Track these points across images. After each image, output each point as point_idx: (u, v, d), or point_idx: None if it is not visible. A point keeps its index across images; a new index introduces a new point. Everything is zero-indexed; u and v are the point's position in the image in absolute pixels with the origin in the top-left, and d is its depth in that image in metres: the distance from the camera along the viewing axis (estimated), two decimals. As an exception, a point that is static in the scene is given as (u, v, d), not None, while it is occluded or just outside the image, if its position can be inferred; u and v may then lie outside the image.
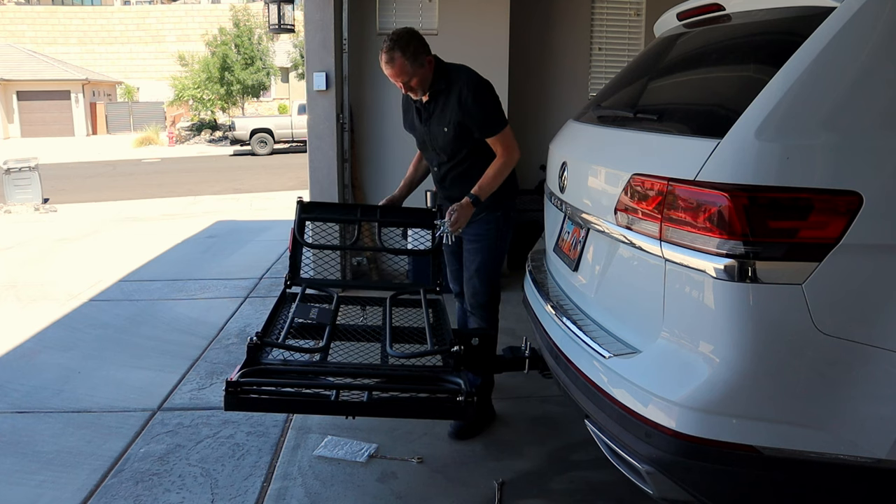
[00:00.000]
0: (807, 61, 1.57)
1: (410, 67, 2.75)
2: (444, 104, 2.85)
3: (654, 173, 1.77)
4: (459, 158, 2.91)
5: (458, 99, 2.81)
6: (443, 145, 2.91)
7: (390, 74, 2.78)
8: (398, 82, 2.80)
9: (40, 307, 4.95)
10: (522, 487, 2.64)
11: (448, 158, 2.94)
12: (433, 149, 2.97)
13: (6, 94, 31.55)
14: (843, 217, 1.51)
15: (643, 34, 5.77)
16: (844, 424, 1.54)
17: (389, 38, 2.76)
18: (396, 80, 2.79)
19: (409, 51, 2.74)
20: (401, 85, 2.82)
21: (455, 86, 2.83)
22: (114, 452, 2.90)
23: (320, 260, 3.95)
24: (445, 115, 2.85)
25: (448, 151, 2.91)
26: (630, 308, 1.93)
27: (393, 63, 2.74)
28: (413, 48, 2.75)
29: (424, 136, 2.99)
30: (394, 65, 2.74)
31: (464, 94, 2.80)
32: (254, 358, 2.25)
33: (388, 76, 2.81)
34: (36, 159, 10.80)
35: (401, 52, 2.73)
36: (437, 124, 2.89)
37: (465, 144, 2.87)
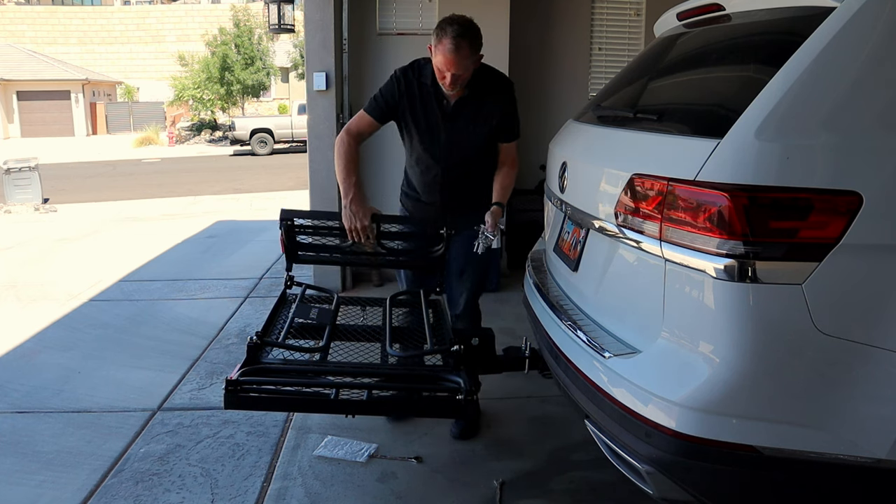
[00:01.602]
0: (807, 61, 1.57)
1: (470, 60, 2.60)
2: (481, 105, 2.74)
3: (654, 173, 1.77)
4: (474, 162, 2.83)
5: (501, 105, 2.78)
6: (467, 146, 2.78)
7: (450, 61, 2.55)
8: (450, 73, 2.58)
9: (40, 307, 4.95)
10: (522, 487, 2.64)
11: (463, 160, 2.81)
12: (448, 148, 2.79)
13: (6, 94, 31.56)
14: (843, 217, 1.51)
15: (643, 34, 5.77)
16: (844, 424, 1.54)
17: (458, 23, 2.55)
18: (451, 69, 2.57)
19: (476, 42, 2.60)
20: (449, 76, 2.59)
21: (498, 89, 2.79)
22: (114, 452, 2.90)
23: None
24: (482, 116, 2.75)
25: (470, 153, 2.80)
26: (630, 308, 1.93)
27: (459, 51, 2.53)
28: (479, 41, 2.62)
29: (440, 133, 2.76)
30: (460, 52, 2.53)
31: (507, 101, 2.79)
32: (254, 357, 2.25)
33: (442, 63, 2.57)
34: (36, 159, 10.81)
35: (469, 41, 2.56)
36: (467, 123, 2.75)
37: (487, 149, 2.83)
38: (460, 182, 2.85)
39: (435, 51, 2.59)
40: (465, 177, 2.84)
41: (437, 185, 2.87)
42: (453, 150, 2.80)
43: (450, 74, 2.59)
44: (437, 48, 2.57)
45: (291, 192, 11.85)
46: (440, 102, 2.74)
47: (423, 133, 2.80)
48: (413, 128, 2.81)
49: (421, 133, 2.80)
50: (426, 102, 2.75)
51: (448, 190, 2.86)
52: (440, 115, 2.75)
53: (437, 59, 2.59)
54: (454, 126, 2.75)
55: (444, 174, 2.84)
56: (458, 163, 2.82)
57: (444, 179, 2.85)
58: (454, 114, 2.74)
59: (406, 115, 2.78)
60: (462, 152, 2.80)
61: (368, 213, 2.67)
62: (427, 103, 2.75)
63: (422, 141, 2.81)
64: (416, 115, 2.77)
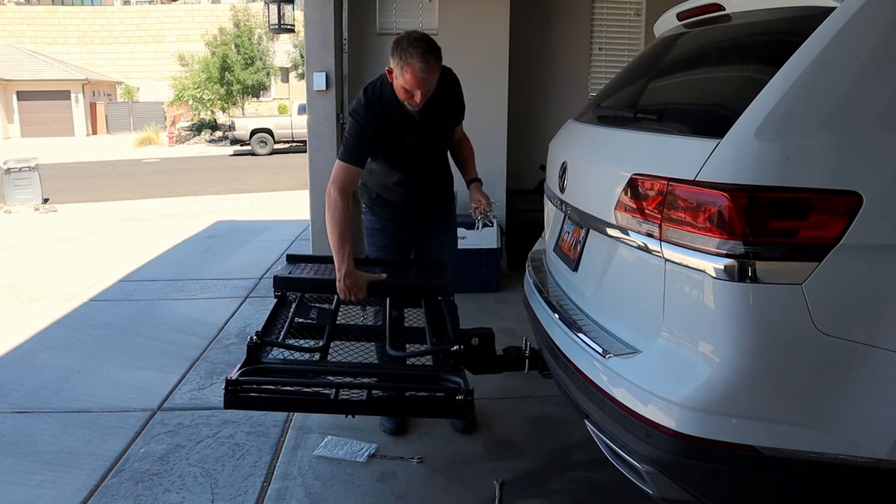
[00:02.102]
0: (807, 61, 1.57)
1: (435, 81, 2.60)
2: (440, 102, 2.75)
3: (654, 173, 1.77)
4: (443, 152, 3.00)
5: (454, 95, 2.87)
6: (439, 143, 2.92)
7: (422, 81, 2.53)
8: (421, 91, 2.56)
9: (40, 307, 4.95)
10: (522, 487, 2.64)
11: (437, 156, 2.95)
12: (424, 153, 2.86)
13: (6, 94, 31.55)
14: (843, 217, 1.51)
15: (643, 34, 5.77)
16: (844, 424, 1.54)
17: (420, 40, 2.52)
18: (423, 88, 2.55)
19: (440, 55, 2.59)
20: (419, 94, 2.57)
21: (446, 81, 2.80)
22: (114, 452, 2.90)
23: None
24: (444, 115, 2.83)
25: (441, 144, 2.94)
26: (630, 308, 1.93)
27: (430, 68, 2.52)
28: (440, 54, 2.60)
29: (415, 145, 2.78)
30: (430, 70, 2.52)
31: (456, 86, 2.87)
32: (254, 357, 2.25)
33: (413, 84, 2.53)
34: (36, 159, 10.80)
35: (435, 56, 2.55)
36: (437, 124, 2.82)
37: (451, 139, 2.98)
38: (436, 176, 2.99)
39: (401, 72, 2.54)
40: (436, 171, 2.99)
41: (420, 189, 2.95)
42: (427, 153, 2.91)
43: (420, 93, 2.57)
44: (405, 69, 2.52)
45: (291, 192, 11.85)
46: (409, 120, 2.72)
47: (400, 151, 2.81)
48: (389, 151, 2.82)
49: (398, 152, 2.82)
50: (397, 126, 2.72)
51: (428, 187, 2.98)
52: (412, 124, 2.74)
53: (406, 80, 2.54)
54: (429, 127, 2.81)
55: (424, 174, 2.93)
56: (432, 161, 2.95)
57: (423, 179, 2.94)
58: (423, 119, 2.75)
59: (382, 146, 2.77)
60: (434, 151, 2.94)
61: (363, 285, 2.64)
62: (398, 126, 2.72)
63: (401, 153, 2.83)
64: (392, 141, 2.76)
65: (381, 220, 3.02)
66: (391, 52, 2.58)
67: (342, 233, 2.61)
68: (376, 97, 2.71)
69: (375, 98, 2.71)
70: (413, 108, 2.65)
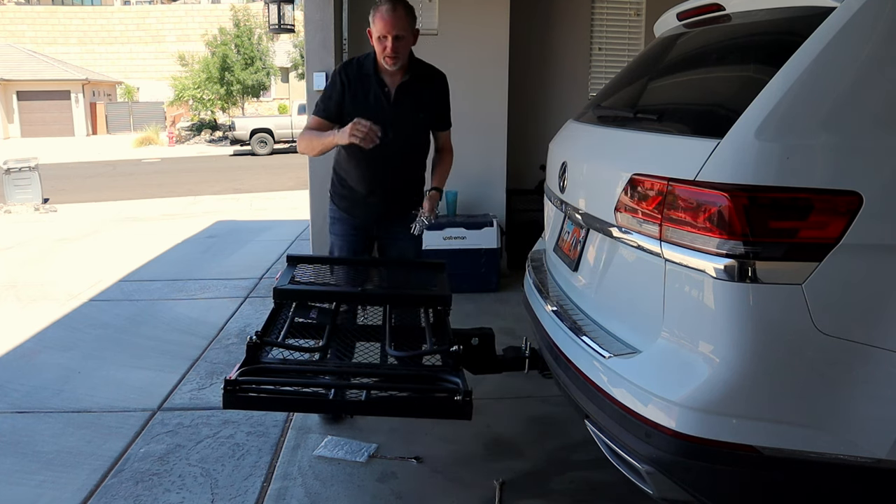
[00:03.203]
0: (807, 61, 1.57)
1: (408, 25, 2.72)
2: (422, 92, 2.87)
3: (653, 173, 1.77)
4: (416, 150, 2.98)
5: (441, 93, 2.94)
6: (412, 134, 2.91)
7: (388, 22, 2.67)
8: (391, 35, 2.68)
9: (40, 307, 4.95)
10: (522, 487, 2.63)
11: (407, 148, 2.93)
12: (395, 134, 2.82)
13: (6, 94, 31.56)
14: (843, 217, 1.51)
15: (643, 34, 5.77)
16: (844, 424, 1.54)
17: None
18: (392, 30, 2.67)
19: (410, 10, 2.74)
20: (391, 40, 2.68)
21: (436, 77, 2.94)
22: (114, 452, 2.90)
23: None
24: (424, 103, 2.88)
25: (411, 139, 2.92)
26: (630, 308, 1.93)
27: (396, 11, 2.67)
28: (413, 11, 2.76)
29: (386, 119, 2.77)
30: (396, 13, 2.67)
31: (445, 89, 2.96)
32: (253, 357, 2.25)
33: (382, 28, 2.68)
34: (36, 159, 10.80)
35: (404, 5, 2.72)
36: (411, 110, 2.85)
37: (425, 136, 3.00)
38: (402, 171, 2.96)
39: (373, 24, 2.72)
40: (407, 166, 2.97)
41: (381, 176, 2.93)
42: (398, 137, 2.84)
43: (391, 37, 2.68)
44: (375, 17, 2.70)
45: (291, 192, 11.85)
46: (383, 89, 2.83)
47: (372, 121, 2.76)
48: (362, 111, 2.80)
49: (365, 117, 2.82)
50: (369, 91, 2.84)
51: (392, 180, 2.96)
52: (384, 101, 2.83)
53: (377, 27, 2.70)
54: (399, 112, 2.83)
55: (389, 162, 2.90)
56: (400, 150, 2.89)
57: (388, 168, 2.92)
58: (397, 99, 2.83)
59: (352, 108, 2.83)
60: (405, 139, 2.90)
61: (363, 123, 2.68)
62: (370, 91, 2.83)
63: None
64: (362, 105, 2.82)
65: (341, 210, 3.08)
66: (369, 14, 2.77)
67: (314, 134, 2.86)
68: (358, 61, 2.90)
69: (357, 62, 2.90)
70: (390, 65, 2.74)
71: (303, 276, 2.85)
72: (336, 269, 3.11)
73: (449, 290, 2.71)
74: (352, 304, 2.76)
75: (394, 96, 2.83)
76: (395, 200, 2.97)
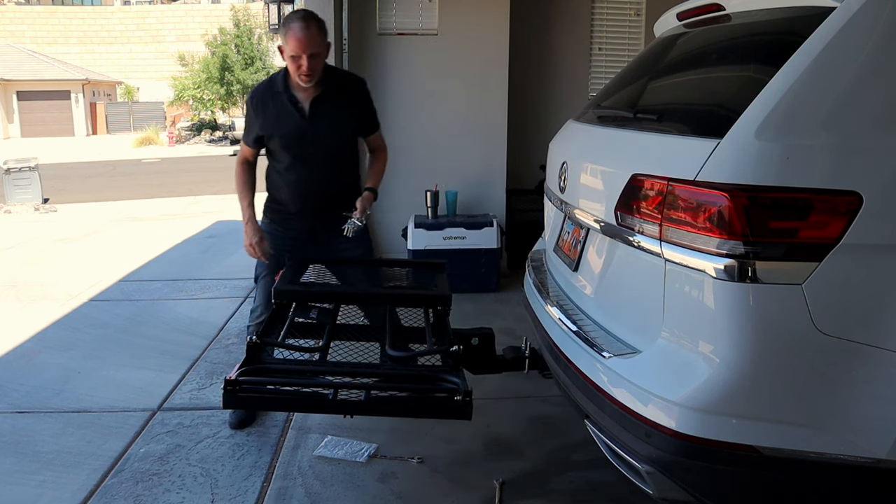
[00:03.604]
0: (807, 61, 1.57)
1: (321, 41, 2.70)
2: (338, 103, 2.85)
3: (653, 173, 1.77)
4: (341, 160, 2.95)
5: (359, 99, 2.93)
6: (333, 146, 2.89)
7: (302, 41, 2.63)
8: (306, 54, 2.65)
9: (40, 307, 4.95)
10: (522, 487, 2.63)
11: (331, 160, 2.91)
12: (315, 148, 2.86)
13: (6, 94, 31.56)
14: (843, 217, 1.51)
15: (643, 34, 5.77)
16: (844, 424, 1.54)
17: (303, 10, 2.72)
18: (306, 49, 2.64)
19: (322, 27, 2.71)
20: (305, 59, 2.66)
21: (351, 84, 2.94)
22: (114, 452, 2.90)
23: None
24: (342, 114, 2.86)
25: (336, 152, 2.91)
26: (630, 308, 1.93)
27: (309, 29, 2.64)
28: (325, 27, 2.73)
29: (304, 136, 2.83)
30: (310, 31, 2.64)
31: (364, 95, 2.95)
32: (253, 357, 2.25)
33: (295, 47, 2.64)
34: (36, 159, 10.79)
35: (316, 22, 2.69)
36: (328, 122, 2.83)
37: (351, 146, 3.00)
38: (330, 183, 2.94)
39: (286, 44, 2.68)
40: (335, 177, 2.95)
41: (310, 190, 2.93)
42: (319, 151, 2.86)
43: (306, 57, 2.66)
44: (288, 37, 2.66)
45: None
46: (296, 106, 2.81)
47: (289, 139, 2.86)
48: (278, 138, 2.88)
49: (286, 140, 2.87)
50: (282, 109, 2.82)
51: (320, 193, 2.94)
52: (299, 117, 2.82)
53: (290, 47, 2.66)
54: (316, 126, 2.82)
55: (315, 176, 2.90)
56: (325, 163, 2.90)
57: (314, 182, 2.92)
58: (312, 114, 2.81)
59: (269, 129, 2.87)
60: (328, 151, 2.88)
61: (259, 233, 2.97)
62: (283, 109, 2.82)
63: (287, 147, 2.88)
64: (277, 124, 2.85)
65: (271, 223, 3.08)
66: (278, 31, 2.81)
67: (240, 190, 3.01)
68: (268, 81, 2.91)
69: (267, 82, 2.91)
70: (305, 82, 2.73)
71: (302, 277, 2.85)
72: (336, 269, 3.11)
73: (449, 290, 2.71)
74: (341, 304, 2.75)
75: (308, 111, 2.82)
76: (328, 210, 2.94)
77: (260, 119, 2.88)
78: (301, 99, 2.82)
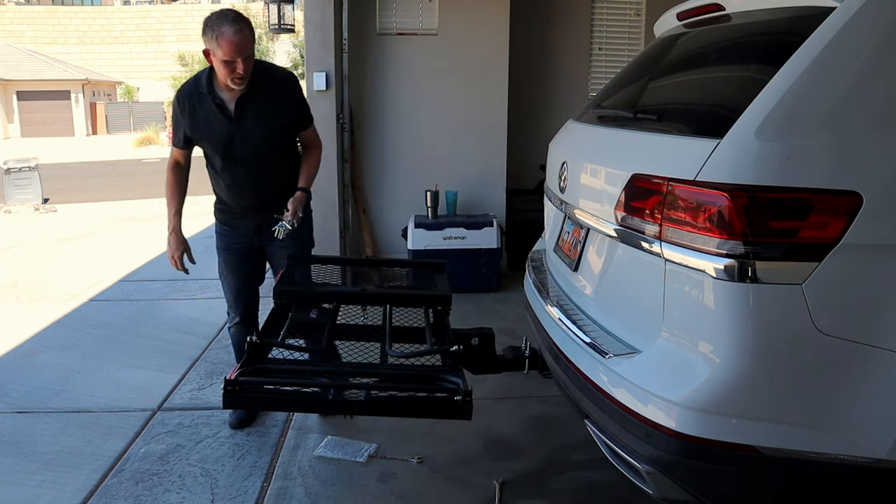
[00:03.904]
0: (807, 61, 1.57)
1: (253, 41, 2.63)
2: (265, 101, 2.76)
3: (653, 173, 1.77)
4: (276, 158, 2.87)
5: (286, 96, 2.83)
6: (263, 145, 2.79)
7: (237, 45, 2.55)
8: (241, 57, 2.57)
9: (40, 307, 4.95)
10: (522, 487, 2.64)
11: (263, 159, 2.82)
12: (245, 149, 2.78)
13: (6, 94, 31.56)
14: (843, 217, 1.51)
15: (643, 34, 5.77)
16: (844, 424, 1.54)
17: (231, 11, 2.62)
18: (241, 53, 2.56)
19: (251, 23, 2.65)
20: (241, 62, 2.58)
21: (278, 80, 2.83)
22: (114, 452, 2.90)
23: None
24: (270, 112, 2.77)
25: (268, 151, 2.81)
26: (630, 308, 1.93)
27: (243, 32, 2.56)
28: (252, 25, 2.66)
29: (232, 138, 2.76)
30: (244, 34, 2.56)
31: (292, 90, 2.85)
32: (253, 357, 2.25)
33: (230, 52, 2.55)
34: (36, 159, 10.79)
35: (247, 23, 2.61)
36: (256, 120, 2.75)
37: (285, 143, 2.91)
38: (267, 181, 2.87)
39: (217, 47, 2.57)
40: (271, 175, 2.87)
41: (246, 190, 2.88)
42: (249, 150, 2.79)
43: (241, 60, 2.58)
44: (220, 41, 2.55)
45: (291, 192, 11.83)
46: (221, 107, 2.74)
47: (217, 141, 2.80)
48: (206, 141, 2.83)
49: (215, 143, 2.81)
50: (208, 111, 2.76)
51: (258, 192, 2.88)
52: (225, 118, 2.75)
53: (224, 51, 2.56)
54: (243, 127, 2.75)
55: (249, 176, 2.85)
56: (258, 162, 2.82)
57: (250, 182, 2.86)
58: (239, 114, 2.74)
59: (196, 132, 2.82)
60: (258, 152, 2.80)
61: (181, 246, 3.02)
62: (209, 112, 2.76)
63: (217, 150, 2.82)
64: (204, 127, 2.79)
65: (222, 224, 3.06)
66: (203, 33, 2.61)
67: (169, 196, 2.99)
68: (193, 82, 2.81)
69: (192, 83, 2.81)
70: (237, 85, 2.66)
71: (303, 276, 2.85)
72: (336, 270, 3.11)
73: (449, 290, 2.71)
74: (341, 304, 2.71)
75: (234, 112, 2.74)
76: (271, 209, 2.83)
77: (187, 121, 2.81)
78: (227, 100, 2.74)
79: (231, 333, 3.24)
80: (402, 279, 3.03)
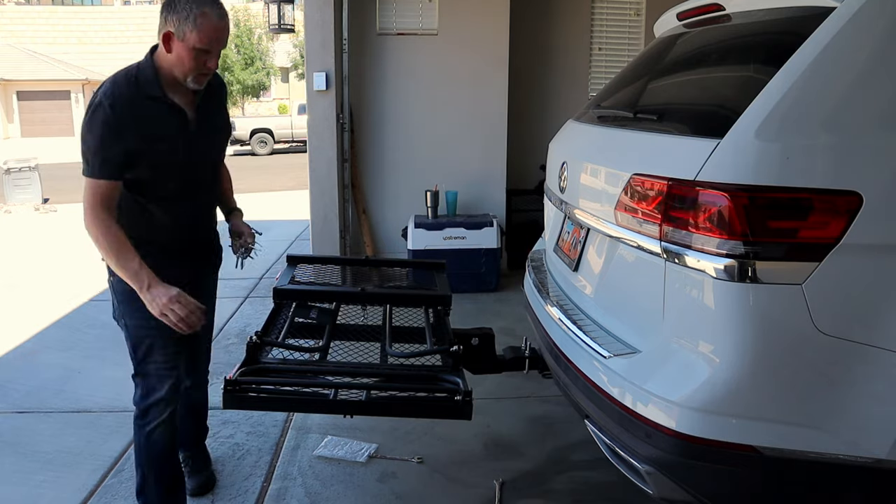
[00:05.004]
0: (807, 61, 1.57)
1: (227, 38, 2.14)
2: (216, 107, 2.30)
3: (654, 173, 1.77)
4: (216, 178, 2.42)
5: (224, 99, 2.39)
6: (211, 160, 2.34)
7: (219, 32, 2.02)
8: (215, 52, 2.05)
9: (40, 307, 4.95)
10: (522, 487, 2.64)
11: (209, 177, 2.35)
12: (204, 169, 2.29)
13: (6, 94, 31.56)
14: (843, 217, 1.51)
15: (643, 34, 5.77)
16: (844, 424, 1.54)
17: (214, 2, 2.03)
18: (220, 44, 2.05)
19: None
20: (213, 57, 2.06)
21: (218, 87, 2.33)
22: (114, 452, 2.90)
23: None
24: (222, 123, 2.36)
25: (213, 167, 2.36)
26: (630, 308, 1.93)
27: (225, 18, 2.06)
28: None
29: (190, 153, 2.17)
30: (226, 20, 2.06)
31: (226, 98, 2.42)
32: (253, 357, 2.25)
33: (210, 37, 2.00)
34: (36, 159, 10.79)
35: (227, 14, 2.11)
36: (213, 134, 2.31)
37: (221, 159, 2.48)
38: (211, 207, 2.44)
39: (192, 30, 1.98)
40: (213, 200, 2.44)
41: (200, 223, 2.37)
42: (207, 170, 2.32)
43: (215, 52, 2.06)
44: (202, 25, 1.97)
45: (291, 192, 11.84)
46: (180, 115, 2.13)
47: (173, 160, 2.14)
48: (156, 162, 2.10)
49: (170, 163, 2.14)
50: (163, 121, 2.09)
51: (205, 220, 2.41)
52: (185, 130, 2.15)
53: (201, 35, 1.98)
54: (200, 140, 2.21)
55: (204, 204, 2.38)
56: (213, 185, 2.40)
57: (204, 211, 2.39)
58: (199, 124, 2.19)
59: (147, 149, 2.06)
60: (214, 170, 2.39)
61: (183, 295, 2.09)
62: (164, 121, 2.10)
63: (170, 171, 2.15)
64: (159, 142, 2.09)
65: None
66: (167, 11, 2.00)
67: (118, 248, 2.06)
68: (130, 81, 2.06)
69: (126, 82, 2.05)
70: (199, 84, 2.10)
71: (303, 276, 2.85)
72: (336, 270, 3.11)
73: (449, 290, 2.71)
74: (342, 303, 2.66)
75: (195, 122, 2.17)
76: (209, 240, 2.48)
77: (133, 137, 2.02)
78: (183, 105, 2.13)
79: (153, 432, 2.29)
80: (402, 279, 3.03)
